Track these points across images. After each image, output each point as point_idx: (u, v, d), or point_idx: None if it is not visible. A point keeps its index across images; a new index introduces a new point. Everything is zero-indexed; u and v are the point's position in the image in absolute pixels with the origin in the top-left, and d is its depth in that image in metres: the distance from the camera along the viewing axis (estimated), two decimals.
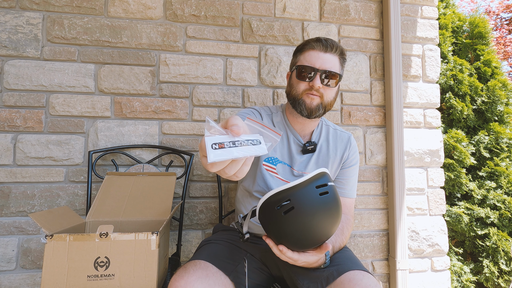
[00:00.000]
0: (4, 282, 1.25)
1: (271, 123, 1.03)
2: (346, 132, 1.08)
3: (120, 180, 1.19)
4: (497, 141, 1.93)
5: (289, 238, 0.69)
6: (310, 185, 0.67)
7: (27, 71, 1.31)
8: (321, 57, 0.90)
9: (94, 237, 0.79)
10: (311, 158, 1.00)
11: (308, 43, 0.94)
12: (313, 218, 0.66)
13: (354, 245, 1.54)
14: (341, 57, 0.94)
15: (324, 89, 0.91)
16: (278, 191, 0.67)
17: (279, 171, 0.99)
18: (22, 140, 1.29)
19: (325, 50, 0.91)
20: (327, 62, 0.90)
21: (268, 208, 0.68)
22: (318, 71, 0.89)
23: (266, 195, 0.68)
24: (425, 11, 1.69)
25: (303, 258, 0.72)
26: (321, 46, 0.91)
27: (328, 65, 0.90)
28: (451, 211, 1.80)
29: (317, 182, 0.67)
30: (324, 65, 0.90)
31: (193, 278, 0.73)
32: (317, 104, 0.92)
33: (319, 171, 0.69)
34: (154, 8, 1.43)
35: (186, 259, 1.39)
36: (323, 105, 0.93)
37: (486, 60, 2.06)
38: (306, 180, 0.67)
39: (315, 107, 0.92)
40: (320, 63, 0.90)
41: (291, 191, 0.66)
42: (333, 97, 0.95)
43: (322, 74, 0.90)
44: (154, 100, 1.41)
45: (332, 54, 0.92)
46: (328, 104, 0.94)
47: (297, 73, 0.93)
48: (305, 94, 0.92)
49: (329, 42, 0.91)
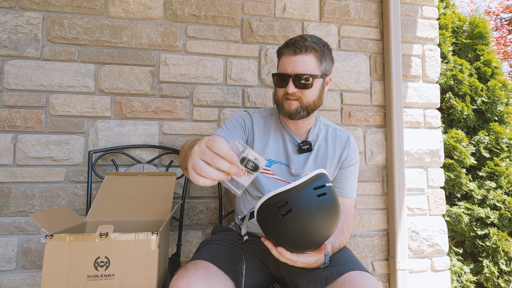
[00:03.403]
0: (4, 282, 1.25)
1: (265, 125, 1.04)
2: (346, 131, 1.08)
3: (120, 180, 1.19)
4: (497, 141, 1.93)
5: (287, 240, 0.69)
6: (307, 187, 0.66)
7: (27, 71, 1.31)
8: (292, 61, 0.90)
9: (94, 237, 0.79)
10: (308, 157, 1.00)
11: (280, 49, 0.95)
12: (312, 220, 0.66)
13: (354, 245, 1.54)
14: (317, 53, 0.91)
15: (301, 92, 0.91)
16: (275, 194, 0.66)
17: (275, 172, 1.00)
18: (22, 140, 1.29)
19: (295, 53, 0.90)
20: (298, 65, 0.89)
21: (266, 210, 0.68)
22: (290, 76, 0.90)
23: (264, 198, 0.68)
24: (425, 11, 1.69)
25: (302, 259, 0.72)
26: (290, 51, 0.90)
27: (300, 68, 0.89)
28: (451, 211, 1.80)
29: (314, 183, 0.67)
30: (296, 69, 0.89)
31: (194, 277, 0.73)
32: (296, 108, 0.93)
33: (317, 172, 0.69)
34: (154, 8, 1.43)
35: (186, 259, 1.39)
36: (303, 107, 0.93)
37: (486, 60, 2.06)
38: (304, 182, 0.66)
39: (293, 111, 0.93)
40: (291, 68, 0.90)
41: (289, 193, 0.65)
42: (315, 96, 0.94)
43: (294, 79, 0.90)
44: (154, 100, 1.41)
45: (304, 55, 0.90)
46: (310, 105, 0.94)
47: (275, 81, 0.95)
48: (284, 100, 0.94)
49: (297, 45, 0.89)
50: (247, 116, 1.06)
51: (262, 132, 1.04)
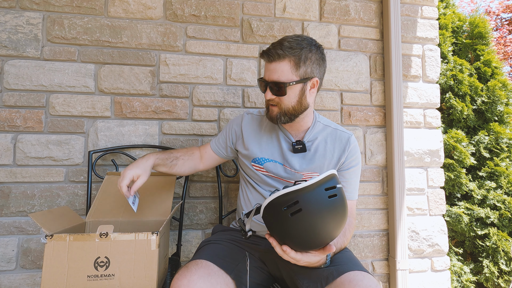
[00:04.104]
0: (4, 282, 1.25)
1: (258, 124, 1.07)
2: (347, 132, 1.05)
3: None
4: (497, 141, 1.93)
5: (294, 239, 0.69)
6: (319, 188, 0.66)
7: (27, 71, 1.31)
8: (268, 68, 0.91)
9: (94, 237, 0.79)
10: (305, 157, 1.00)
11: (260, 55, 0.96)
12: (321, 220, 0.66)
13: (354, 245, 1.54)
14: (293, 58, 0.88)
15: (279, 98, 0.92)
16: (286, 192, 0.66)
17: (269, 169, 1.01)
18: (22, 140, 1.29)
19: (269, 61, 0.90)
20: (273, 73, 0.89)
21: (274, 208, 0.67)
22: (268, 83, 0.91)
23: (273, 196, 0.68)
24: (425, 11, 1.69)
25: (305, 258, 0.72)
26: (266, 58, 0.91)
27: (275, 75, 0.89)
28: (451, 211, 1.80)
29: (326, 184, 0.67)
30: (271, 76, 0.90)
31: (195, 277, 0.73)
32: (276, 113, 0.94)
33: (329, 173, 0.68)
34: (154, 8, 1.43)
35: (186, 259, 1.39)
36: (282, 112, 0.93)
37: (486, 60, 2.07)
38: (316, 183, 0.66)
39: (274, 116, 0.95)
40: (267, 75, 0.91)
41: (300, 192, 0.65)
42: (294, 101, 0.91)
43: (271, 86, 0.91)
44: (154, 100, 1.41)
45: (277, 63, 0.88)
46: (289, 110, 0.93)
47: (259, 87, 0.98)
48: (268, 104, 0.97)
49: (270, 53, 0.89)
50: (238, 121, 1.10)
51: (255, 132, 1.06)
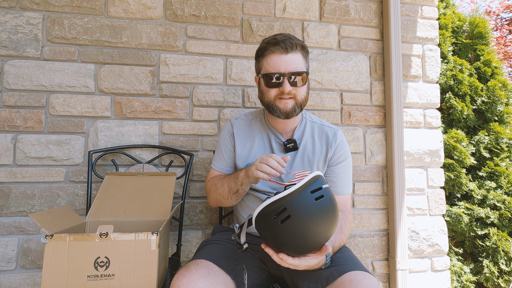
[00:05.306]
0: (4, 282, 1.24)
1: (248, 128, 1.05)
2: (333, 127, 1.05)
3: (120, 180, 1.19)
4: (497, 141, 1.93)
5: (288, 246, 0.69)
6: (304, 191, 0.66)
7: (27, 71, 1.31)
8: (284, 60, 0.89)
9: (94, 237, 0.79)
10: (295, 156, 1.00)
11: (267, 48, 0.92)
12: (311, 223, 0.66)
13: (354, 245, 1.54)
14: (303, 52, 0.93)
15: (296, 89, 0.91)
16: (273, 201, 0.66)
17: None
18: (22, 140, 1.29)
19: (286, 51, 0.89)
20: (291, 63, 0.89)
21: (264, 218, 0.67)
22: (285, 75, 0.89)
23: (261, 206, 0.68)
24: (425, 11, 1.69)
25: (304, 263, 0.72)
26: (281, 49, 0.89)
27: (293, 66, 0.89)
28: (451, 211, 1.80)
29: (311, 187, 0.67)
30: (289, 67, 0.89)
31: (195, 276, 0.73)
32: (292, 106, 0.93)
33: (313, 175, 0.69)
34: (154, 8, 1.43)
35: (186, 259, 1.39)
36: (298, 104, 0.94)
37: (486, 60, 2.06)
38: (300, 187, 0.66)
39: (290, 109, 0.93)
40: (284, 66, 0.89)
41: (286, 199, 0.65)
42: (306, 92, 0.96)
43: (289, 77, 0.90)
44: (154, 100, 1.41)
45: (294, 53, 0.90)
46: (303, 102, 0.95)
47: (266, 82, 0.93)
48: (278, 100, 0.93)
49: (287, 43, 0.89)
50: (229, 127, 1.07)
51: (246, 136, 1.04)
